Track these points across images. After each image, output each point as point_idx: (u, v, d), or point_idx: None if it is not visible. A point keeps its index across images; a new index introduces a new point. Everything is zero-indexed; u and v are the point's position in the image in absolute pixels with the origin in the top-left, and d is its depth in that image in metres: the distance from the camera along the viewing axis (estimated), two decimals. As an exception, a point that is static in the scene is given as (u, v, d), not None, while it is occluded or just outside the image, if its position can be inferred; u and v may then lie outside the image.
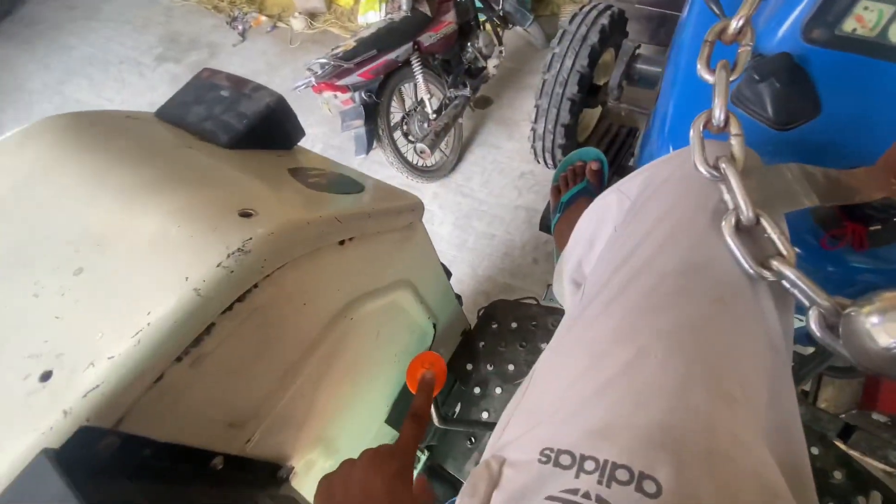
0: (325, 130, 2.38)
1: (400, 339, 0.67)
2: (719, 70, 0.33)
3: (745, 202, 0.30)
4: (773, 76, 0.52)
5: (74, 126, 0.49)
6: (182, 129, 0.53)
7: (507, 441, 0.33)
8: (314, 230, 0.41)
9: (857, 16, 0.53)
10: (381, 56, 1.59)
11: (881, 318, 0.24)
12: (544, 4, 2.69)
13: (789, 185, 0.34)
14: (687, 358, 0.28)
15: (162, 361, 0.31)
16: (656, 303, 0.31)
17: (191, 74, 2.17)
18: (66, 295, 0.33)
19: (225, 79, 0.57)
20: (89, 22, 3.42)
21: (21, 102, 2.98)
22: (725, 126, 0.33)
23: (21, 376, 0.30)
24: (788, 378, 0.31)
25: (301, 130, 0.59)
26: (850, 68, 0.55)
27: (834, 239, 0.47)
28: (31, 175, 0.43)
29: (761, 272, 0.30)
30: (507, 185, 2.10)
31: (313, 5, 2.89)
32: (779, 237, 0.30)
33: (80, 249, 0.36)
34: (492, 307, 0.97)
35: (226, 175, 0.44)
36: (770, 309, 0.31)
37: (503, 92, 2.40)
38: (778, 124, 0.54)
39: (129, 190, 0.40)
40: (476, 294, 1.79)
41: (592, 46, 1.50)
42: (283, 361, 0.44)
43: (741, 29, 0.34)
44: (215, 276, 0.33)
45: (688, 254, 0.32)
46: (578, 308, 0.37)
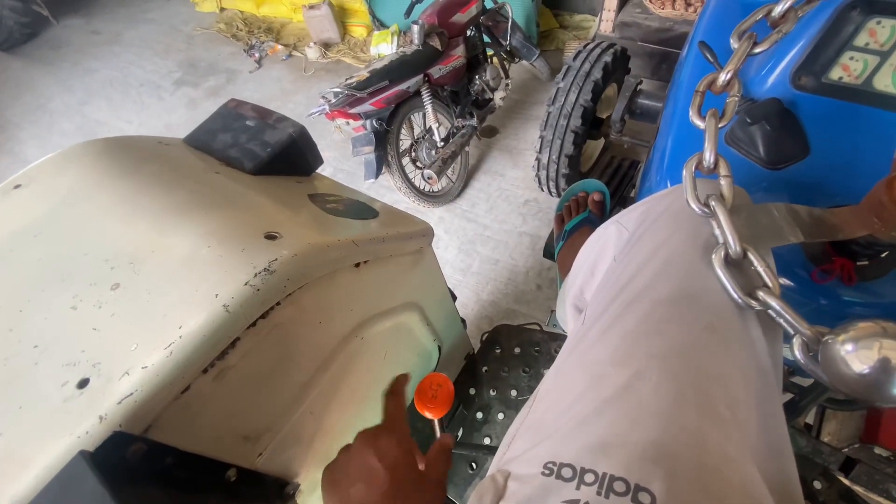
0: (336, 155, 2.45)
1: (406, 361, 0.69)
2: (709, 118, 0.36)
3: (732, 237, 0.33)
4: (765, 120, 0.56)
5: (110, 150, 0.52)
6: (209, 155, 0.56)
7: (511, 456, 0.34)
8: (333, 253, 0.43)
9: (843, 65, 0.57)
10: (393, 87, 1.65)
11: (854, 346, 0.27)
12: (550, 40, 2.80)
13: (776, 223, 0.36)
14: (679, 381, 0.30)
15: (190, 373, 0.33)
16: (651, 329, 0.33)
17: (208, 98, 2.26)
18: (102, 308, 0.36)
19: (251, 109, 0.61)
20: (112, 47, 3.56)
21: (42, 122, 3.08)
22: (715, 167, 0.36)
23: (60, 383, 0.32)
24: (778, 402, 0.33)
25: (319, 158, 0.63)
26: (837, 113, 0.58)
27: (824, 273, 0.49)
28: (71, 196, 0.46)
29: (749, 302, 0.32)
30: (511, 212, 2.13)
31: (328, 36, 3.01)
32: (765, 270, 0.33)
33: (117, 266, 0.38)
34: (495, 332, 0.99)
35: (251, 200, 0.47)
36: (758, 337, 0.33)
37: (509, 122, 2.48)
38: (769, 164, 0.57)
39: (162, 212, 0.43)
40: (480, 318, 1.80)
41: (595, 82, 1.56)
42: (297, 377, 0.45)
43: (729, 81, 0.37)
44: (243, 294, 0.35)
45: (681, 284, 0.35)
46: (580, 332, 0.39)
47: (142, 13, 3.83)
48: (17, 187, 0.49)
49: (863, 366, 0.26)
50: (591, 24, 2.80)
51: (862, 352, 0.26)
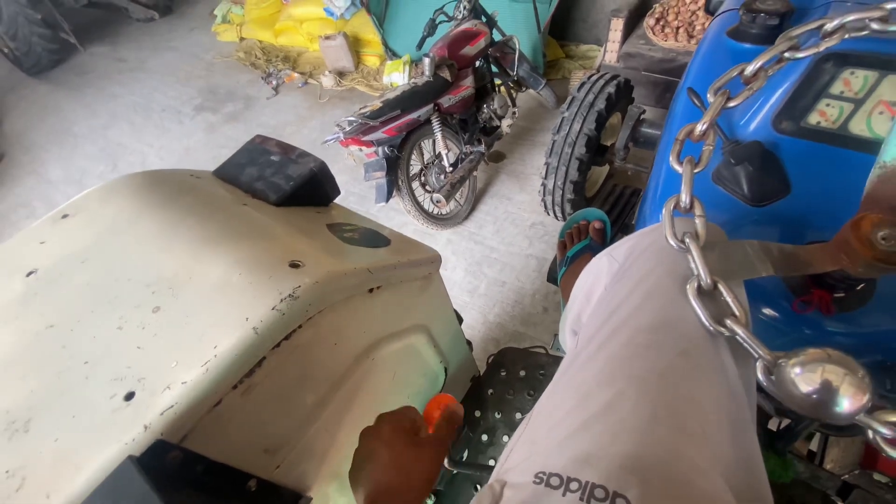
0: (348, 178, 2.52)
1: (413, 382, 0.72)
2: (685, 164, 0.40)
3: (703, 270, 0.37)
4: (747, 160, 0.60)
5: (149, 183, 0.57)
6: (237, 187, 0.62)
7: (508, 467, 0.38)
8: (349, 280, 0.48)
9: (820, 111, 0.62)
10: (405, 115, 1.73)
11: (801, 369, 0.30)
12: (555, 69, 2.89)
13: (747, 258, 0.40)
14: (655, 401, 0.33)
15: (222, 388, 0.37)
16: (632, 353, 0.36)
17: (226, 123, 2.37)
18: (146, 329, 0.40)
19: (275, 145, 0.66)
20: (136, 73, 3.73)
21: (67, 144, 3.21)
22: (691, 208, 0.40)
23: (108, 395, 0.36)
24: (749, 422, 0.36)
25: (337, 190, 0.67)
26: (816, 155, 0.62)
27: (803, 304, 0.52)
28: (114, 225, 0.51)
29: (718, 328, 0.36)
30: (518, 235, 2.18)
31: (342, 65, 3.14)
32: (733, 301, 0.36)
33: (157, 291, 0.43)
34: (501, 355, 1.01)
35: (276, 230, 0.52)
36: (729, 363, 0.37)
37: (516, 148, 2.55)
38: (753, 201, 0.61)
39: (197, 241, 0.47)
40: (486, 340, 1.82)
41: (599, 112, 1.62)
42: (313, 395, 0.49)
43: (705, 132, 0.42)
44: (270, 317, 0.39)
45: (660, 313, 0.38)
46: (573, 354, 0.43)
47: (165, 42, 4.03)
48: (64, 217, 0.54)
49: (808, 387, 0.30)
50: (596, 53, 2.89)
51: (807, 374, 0.30)
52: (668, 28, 2.35)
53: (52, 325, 0.42)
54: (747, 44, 0.74)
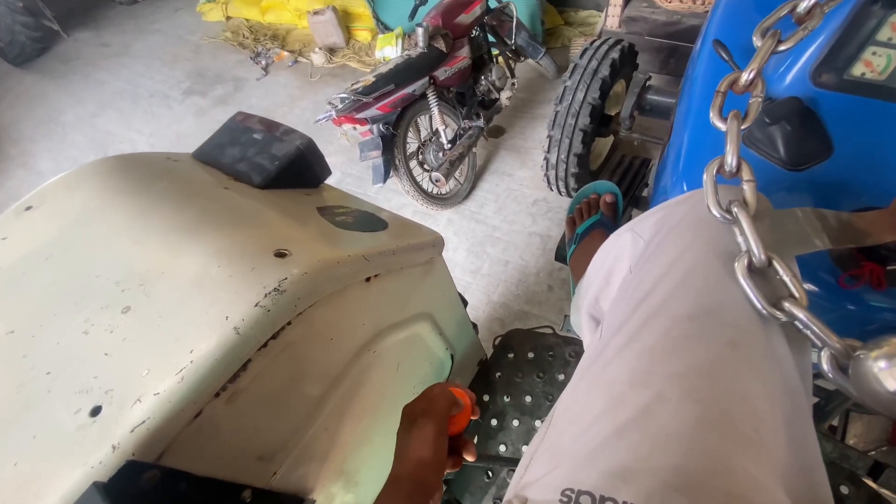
0: (343, 160, 2.45)
1: (419, 371, 0.68)
2: (731, 119, 0.34)
3: (756, 245, 0.31)
4: (784, 119, 0.54)
5: (120, 168, 0.52)
6: (218, 169, 0.56)
7: (529, 481, 0.33)
8: (343, 269, 0.43)
9: (865, 61, 0.55)
10: (399, 90, 1.65)
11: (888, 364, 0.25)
12: (555, 37, 2.77)
13: (801, 229, 0.35)
14: (701, 402, 0.28)
15: (202, 397, 0.33)
16: (670, 346, 0.31)
17: (216, 107, 2.28)
18: (114, 332, 0.35)
19: (258, 122, 0.60)
20: (121, 58, 3.62)
21: (55, 134, 3.13)
22: (738, 172, 0.35)
23: (73, 411, 0.32)
24: (808, 420, 0.31)
25: (327, 169, 0.62)
26: (861, 110, 0.56)
27: (852, 279, 0.47)
28: (82, 216, 0.46)
29: (774, 313, 0.31)
30: (520, 212, 2.12)
31: (333, 41, 3.02)
32: (791, 279, 0.31)
33: (128, 289, 0.38)
34: (508, 337, 0.98)
35: (260, 215, 0.47)
36: (784, 352, 0.32)
37: (516, 122, 2.46)
38: (791, 165, 0.55)
39: (172, 231, 0.42)
40: (491, 321, 1.79)
41: (603, 79, 1.54)
42: (309, 395, 0.45)
43: (752, 81, 0.36)
44: (253, 315, 0.35)
45: (700, 297, 0.33)
46: (597, 347, 0.38)
47: (149, 24, 3.89)
48: (28, 209, 0.49)
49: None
50: (596, 19, 2.77)
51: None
52: (672, -12, 2.23)
53: (12, 332, 0.37)
54: (776, -11, 0.67)
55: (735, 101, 0.38)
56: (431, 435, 0.43)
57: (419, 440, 0.43)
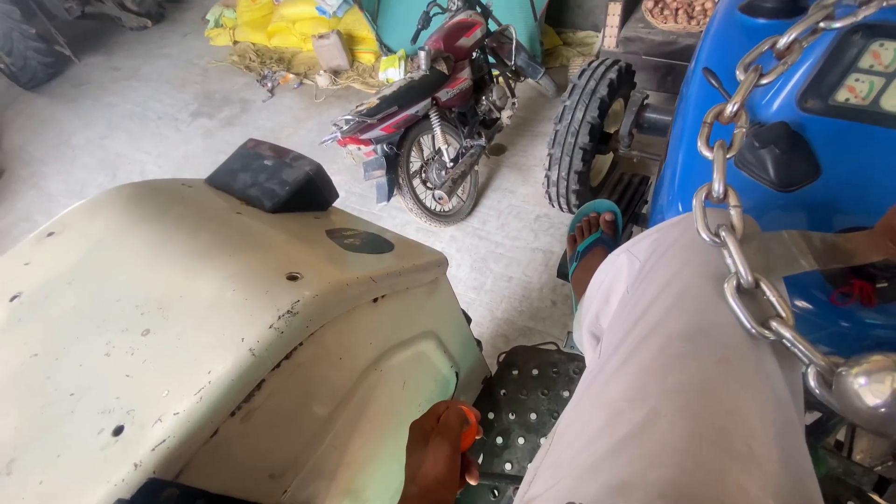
0: (347, 178, 2.49)
1: (424, 389, 0.69)
2: (717, 149, 0.37)
3: (744, 267, 0.33)
4: (773, 143, 0.56)
5: (138, 195, 0.54)
6: (230, 195, 0.59)
7: (533, 495, 0.34)
8: (353, 291, 0.44)
9: (849, 87, 0.58)
10: (402, 112, 1.69)
11: (867, 380, 0.27)
12: (554, 57, 2.83)
13: (788, 250, 0.37)
14: (695, 417, 0.30)
15: (219, 416, 0.34)
16: (665, 364, 0.33)
17: (223, 128, 2.33)
18: (135, 354, 0.37)
19: (268, 149, 0.63)
20: (131, 82, 3.71)
21: (65, 156, 3.20)
22: (725, 197, 0.36)
23: (96, 430, 0.33)
24: (799, 434, 0.32)
25: (335, 193, 0.64)
26: (847, 134, 0.58)
27: (843, 296, 0.49)
28: (103, 242, 0.48)
29: (762, 332, 0.32)
30: (523, 228, 2.14)
31: (337, 63, 3.09)
32: (777, 300, 0.33)
33: (147, 312, 0.40)
34: (512, 353, 0.98)
35: (272, 239, 0.49)
36: (774, 369, 0.33)
37: (517, 139, 2.50)
38: (781, 187, 0.57)
39: (188, 255, 0.44)
40: (495, 337, 1.79)
41: (602, 99, 1.57)
42: (319, 414, 0.46)
43: (736, 112, 0.38)
44: (268, 337, 0.36)
45: (693, 317, 0.35)
46: (597, 365, 0.39)
47: (159, 49, 3.99)
48: (50, 235, 0.51)
49: (875, 399, 0.26)
50: (594, 40, 2.83)
51: (874, 385, 0.26)
52: (667, 10, 2.29)
53: (36, 354, 0.39)
54: (761, 18, 0.70)
55: (722, 129, 0.40)
56: (446, 453, 0.43)
57: (434, 458, 0.42)
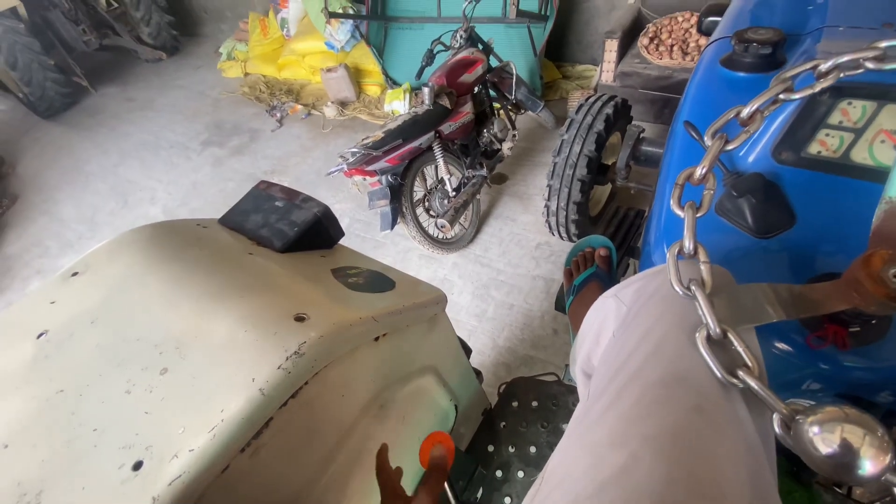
0: (352, 206, 2.55)
1: (424, 423, 0.71)
2: (687, 209, 0.40)
3: (711, 319, 0.36)
4: (750, 193, 0.60)
5: (156, 236, 0.58)
6: (242, 235, 0.62)
7: None
8: (355, 330, 0.47)
9: (820, 141, 0.62)
10: (406, 144, 1.75)
11: (820, 429, 0.29)
12: (554, 90, 2.93)
13: (756, 302, 0.39)
14: (670, 462, 0.32)
15: (230, 453, 0.37)
16: (643, 411, 0.35)
17: (232, 157, 2.41)
18: (153, 392, 0.40)
19: (279, 190, 0.67)
20: (145, 112, 3.84)
21: (78, 182, 3.29)
22: (695, 254, 0.40)
23: (117, 465, 0.36)
24: (770, 476, 0.34)
25: (341, 231, 0.68)
26: (820, 184, 0.62)
27: (819, 339, 0.51)
28: (124, 282, 0.51)
29: (731, 380, 0.35)
30: (524, 256, 2.17)
31: (344, 95, 3.20)
32: (744, 350, 0.35)
33: (165, 351, 0.43)
34: (512, 385, 1.00)
35: (281, 280, 0.52)
36: (745, 415, 0.36)
37: (517, 169, 2.56)
38: (758, 233, 0.60)
39: (204, 296, 0.48)
40: (497, 366, 1.80)
41: (599, 133, 1.63)
42: (321, 449, 0.48)
43: (705, 176, 0.42)
44: (276, 377, 0.39)
45: (669, 366, 0.37)
46: (583, 409, 0.42)
47: (173, 80, 4.15)
48: (74, 274, 0.55)
49: (827, 448, 0.28)
50: (592, 73, 2.93)
51: (826, 434, 0.29)
52: (662, 46, 2.38)
53: (61, 391, 0.42)
54: (741, 72, 0.75)
55: (695, 189, 0.43)
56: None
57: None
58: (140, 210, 2.94)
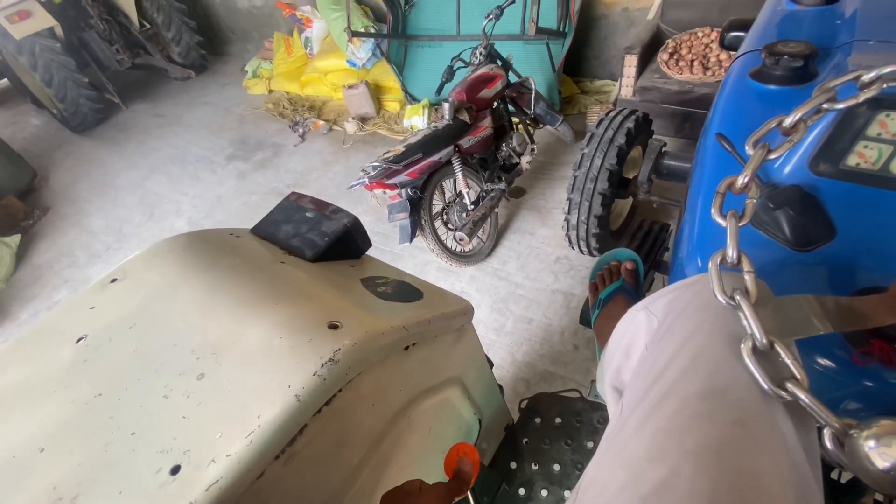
0: (372, 219, 2.57)
1: (448, 436, 0.70)
2: (730, 218, 0.39)
3: (759, 330, 0.35)
4: (787, 205, 0.58)
5: (191, 245, 0.60)
6: (274, 244, 0.63)
7: None
8: (387, 339, 0.47)
9: (858, 153, 0.60)
10: (426, 158, 1.77)
11: (876, 443, 0.28)
12: (572, 105, 2.93)
13: (802, 314, 0.38)
14: (713, 478, 0.31)
15: (266, 459, 0.37)
16: (683, 425, 0.34)
17: (256, 171, 2.46)
18: (190, 397, 0.40)
19: (310, 202, 0.68)
20: (173, 127, 3.97)
21: (108, 196, 3.40)
22: (738, 263, 0.39)
23: (154, 469, 0.36)
24: (816, 493, 0.33)
25: (369, 242, 0.69)
26: (859, 197, 0.60)
27: (864, 356, 0.49)
28: (160, 289, 0.53)
29: (778, 393, 0.34)
30: (543, 270, 2.15)
31: (365, 111, 3.27)
32: (792, 362, 0.34)
33: (202, 357, 0.43)
34: (534, 401, 0.98)
35: (313, 288, 0.53)
36: (789, 429, 0.34)
37: (536, 183, 2.56)
38: (797, 246, 0.59)
39: (238, 304, 0.48)
40: (516, 381, 1.77)
41: (620, 147, 1.62)
42: (352, 458, 0.48)
43: (747, 184, 0.41)
44: (312, 384, 0.39)
45: (708, 379, 0.36)
46: (619, 422, 0.41)
47: (200, 97, 4.29)
48: (113, 281, 0.56)
49: (884, 462, 0.27)
50: (611, 88, 2.93)
51: (883, 449, 0.27)
52: (682, 62, 2.38)
53: (100, 394, 0.43)
54: (772, 85, 0.74)
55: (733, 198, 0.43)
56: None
57: None
58: (166, 222, 3.01)
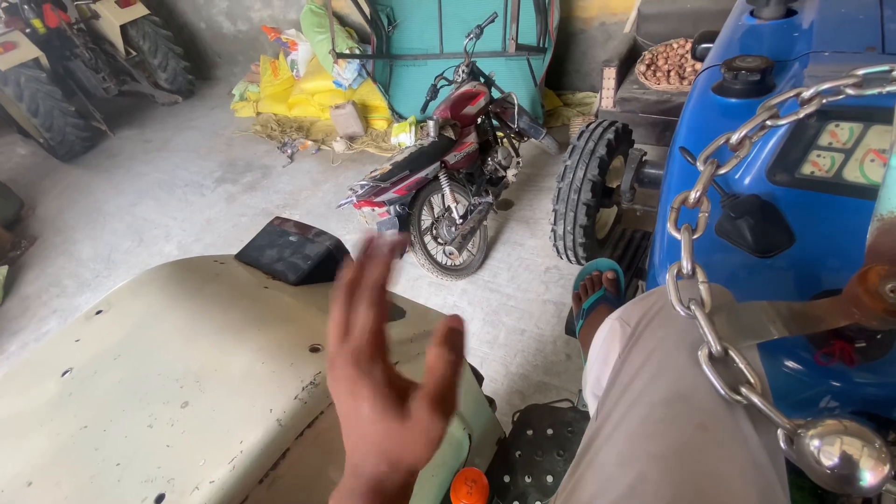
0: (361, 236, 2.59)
1: (437, 454, 0.71)
2: (683, 231, 0.42)
3: (712, 337, 0.37)
4: (748, 214, 0.61)
5: (175, 274, 0.61)
6: (258, 269, 0.64)
7: None
8: (368, 360, 0.49)
9: (812, 161, 0.63)
10: (413, 175, 1.80)
11: (821, 442, 0.29)
12: (555, 117, 2.99)
13: (757, 320, 0.40)
14: (677, 481, 0.32)
15: (249, 484, 0.38)
16: (649, 430, 0.36)
17: (245, 192, 2.48)
18: (174, 426, 0.41)
19: (293, 226, 0.70)
20: (161, 152, 3.98)
21: (97, 223, 3.38)
22: (693, 274, 0.41)
23: (140, 499, 0.37)
24: (779, 492, 0.34)
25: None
26: (816, 203, 0.63)
27: (826, 356, 0.51)
28: (145, 320, 0.54)
29: (734, 397, 0.36)
30: (533, 280, 2.17)
31: (352, 130, 3.30)
32: (746, 367, 0.36)
33: (185, 385, 0.44)
34: (526, 412, 0.99)
35: (296, 312, 0.54)
36: (750, 431, 0.36)
37: (523, 194, 2.60)
38: (759, 253, 0.61)
39: (221, 331, 0.49)
40: (510, 394, 1.77)
41: (601, 158, 1.66)
42: (335, 479, 0.49)
43: (699, 199, 0.43)
44: (293, 408, 0.40)
45: (673, 385, 0.38)
46: (593, 430, 0.42)
47: (188, 122, 4.31)
48: (98, 313, 0.57)
49: (828, 461, 0.29)
50: (592, 99, 3.00)
51: (826, 447, 0.29)
52: (659, 72, 2.44)
53: (85, 426, 0.43)
54: (732, 98, 0.77)
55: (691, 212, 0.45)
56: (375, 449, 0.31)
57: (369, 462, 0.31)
58: (155, 247, 3.00)
